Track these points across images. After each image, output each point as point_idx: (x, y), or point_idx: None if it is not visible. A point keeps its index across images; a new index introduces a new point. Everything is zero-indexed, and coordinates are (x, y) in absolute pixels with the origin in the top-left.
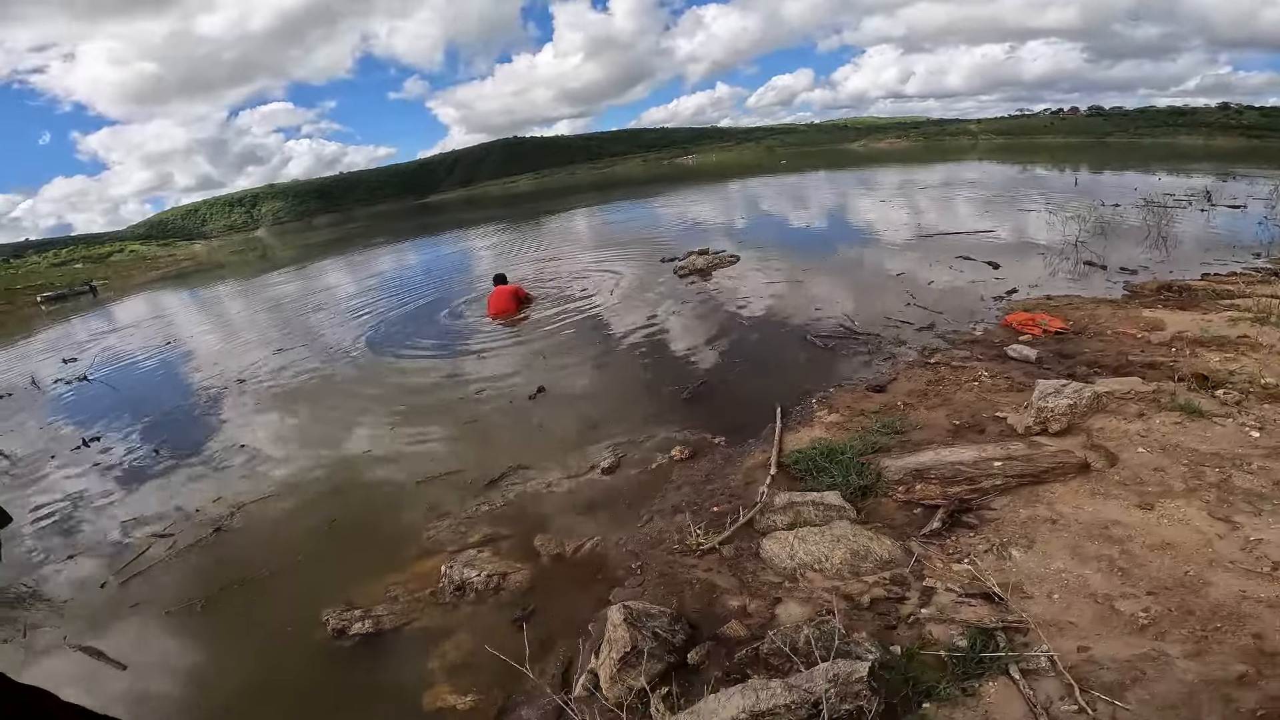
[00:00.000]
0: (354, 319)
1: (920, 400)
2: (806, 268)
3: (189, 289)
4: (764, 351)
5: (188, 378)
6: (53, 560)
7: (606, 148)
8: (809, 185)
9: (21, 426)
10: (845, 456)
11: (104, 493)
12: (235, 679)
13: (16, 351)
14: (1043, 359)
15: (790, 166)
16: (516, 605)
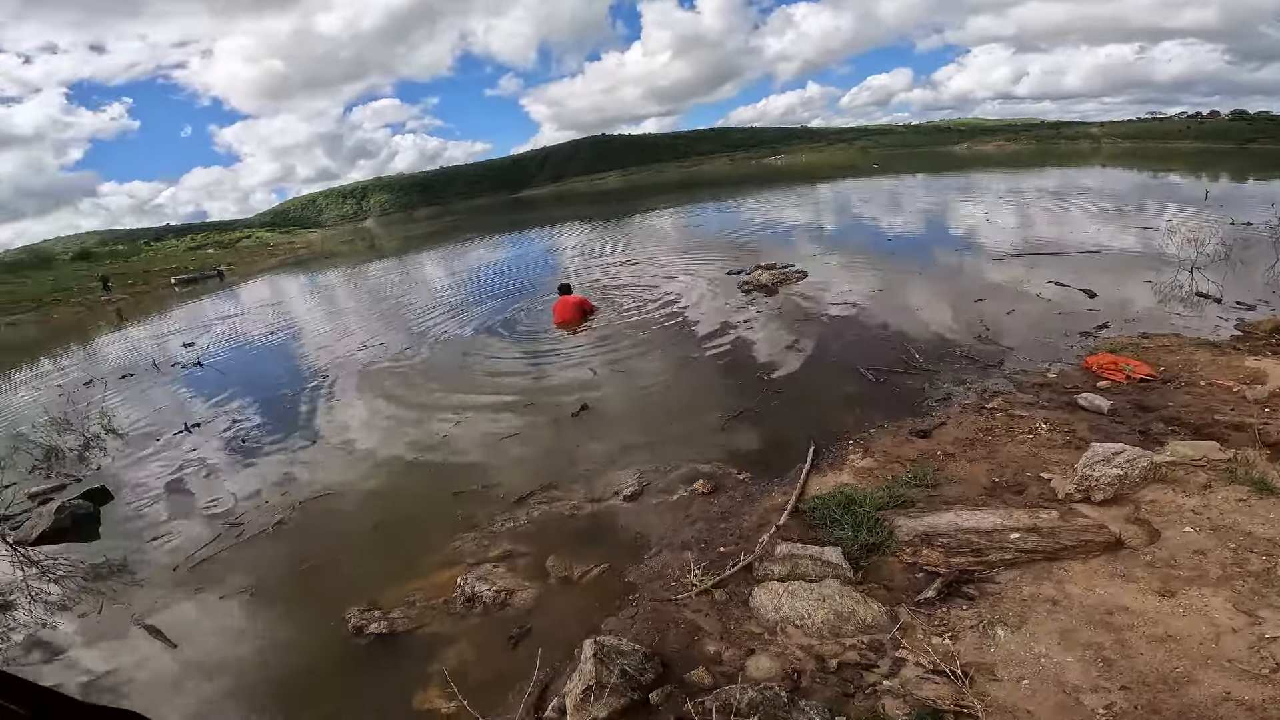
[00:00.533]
0: (436, 316)
1: (964, 451)
2: (877, 289)
3: (301, 276)
4: (811, 382)
5: (284, 366)
6: (140, 539)
7: (693, 146)
8: (902, 190)
9: (136, 408)
10: (862, 509)
11: (193, 477)
12: (264, 664)
13: (149, 330)
14: (1117, 411)
15: (884, 169)
16: (516, 623)
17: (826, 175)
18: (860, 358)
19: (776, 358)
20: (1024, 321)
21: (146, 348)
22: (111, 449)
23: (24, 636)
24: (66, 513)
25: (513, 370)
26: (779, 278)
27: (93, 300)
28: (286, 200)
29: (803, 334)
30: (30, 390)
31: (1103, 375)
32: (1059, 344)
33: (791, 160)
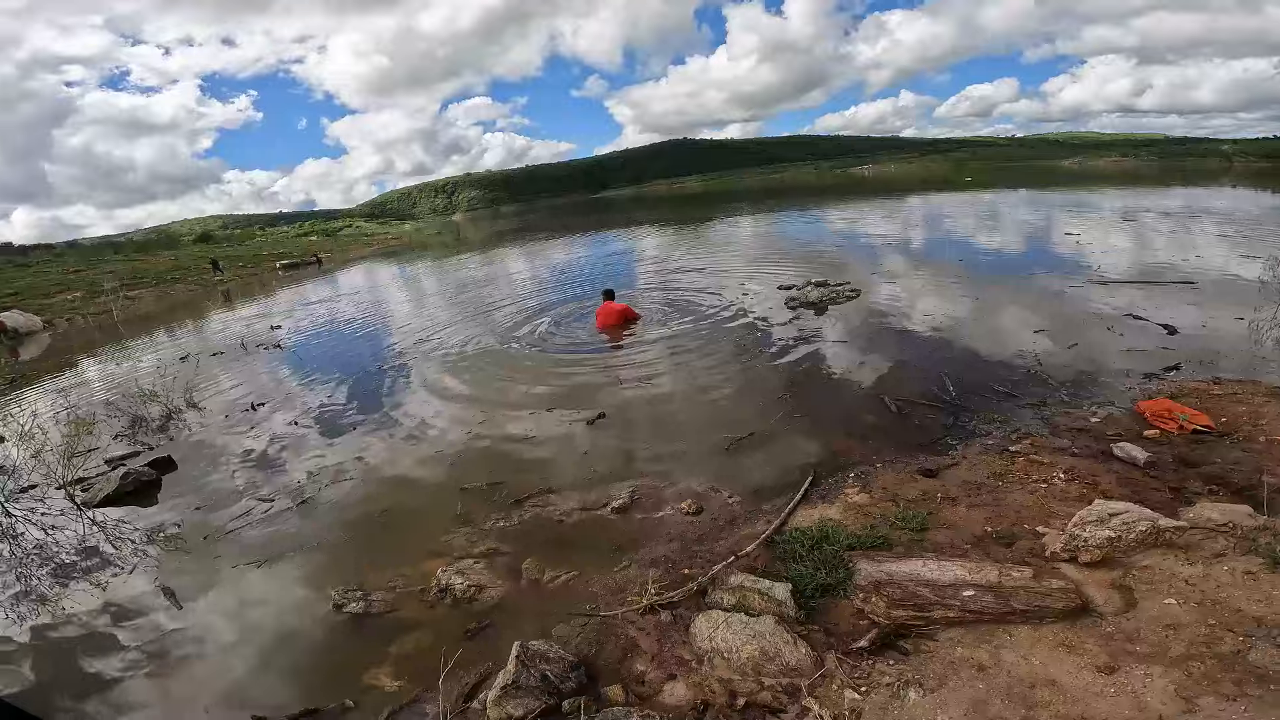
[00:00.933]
0: (499, 312)
1: (968, 495)
2: (930, 313)
3: (389, 266)
4: (830, 408)
5: (352, 352)
6: (186, 508)
7: (777, 153)
8: (996, 206)
9: (217, 384)
10: (830, 548)
11: (245, 453)
12: (251, 628)
13: (251, 310)
14: (1155, 464)
15: (979, 183)
16: (478, 617)
17: (916, 188)
18: (889, 386)
19: (801, 380)
20: (1084, 357)
21: (240, 328)
22: (190, 421)
23: (64, 586)
24: (131, 479)
25: (546, 373)
26: (829, 296)
27: (205, 280)
28: (385, 193)
29: (836, 357)
30: (134, 360)
31: (1156, 423)
32: (1116, 385)
33: (880, 171)
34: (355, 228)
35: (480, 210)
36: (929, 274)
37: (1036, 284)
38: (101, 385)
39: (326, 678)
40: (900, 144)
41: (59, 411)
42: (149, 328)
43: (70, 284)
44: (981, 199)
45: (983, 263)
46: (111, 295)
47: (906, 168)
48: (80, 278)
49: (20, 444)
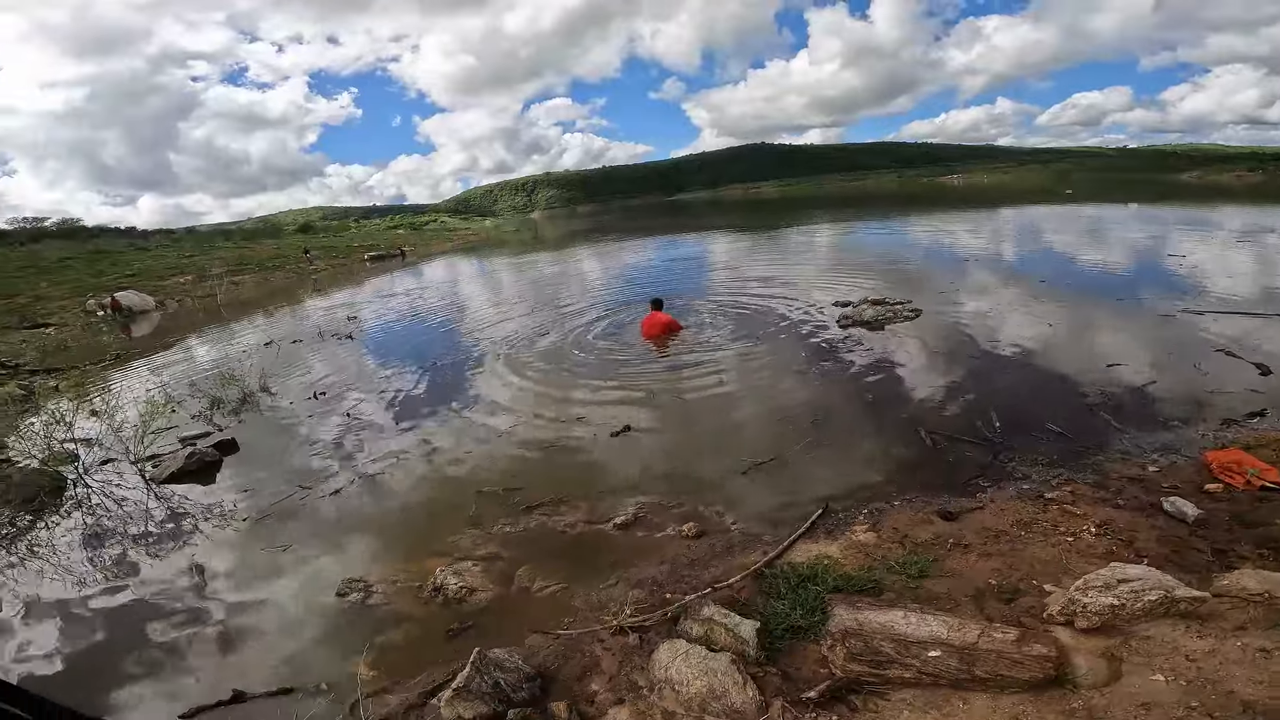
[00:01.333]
0: (563, 309)
1: (985, 543)
2: (995, 339)
3: (467, 261)
4: (860, 436)
5: (414, 346)
6: (238, 489)
7: (859, 160)
8: (1098, 221)
9: (290, 371)
10: (814, 588)
11: (301, 440)
12: (260, 608)
13: (335, 299)
14: (1205, 522)
15: (1082, 196)
16: (463, 619)
17: (1010, 199)
18: (929, 417)
19: (837, 405)
20: (1158, 397)
21: (321, 317)
22: (262, 404)
23: (112, 555)
24: (195, 458)
25: (585, 382)
26: (885, 315)
27: (301, 269)
28: (468, 189)
29: (878, 382)
30: (227, 343)
31: (1219, 475)
32: (1188, 431)
33: (971, 180)
34: (440, 223)
35: (557, 209)
36: (1005, 294)
37: (1125, 310)
38: (193, 366)
39: (313, 661)
40: (994, 153)
41: (148, 389)
42: (246, 312)
43: (183, 268)
44: (1082, 213)
45: (1069, 283)
46: (217, 280)
47: (1000, 178)
48: (192, 262)
49: (104, 420)
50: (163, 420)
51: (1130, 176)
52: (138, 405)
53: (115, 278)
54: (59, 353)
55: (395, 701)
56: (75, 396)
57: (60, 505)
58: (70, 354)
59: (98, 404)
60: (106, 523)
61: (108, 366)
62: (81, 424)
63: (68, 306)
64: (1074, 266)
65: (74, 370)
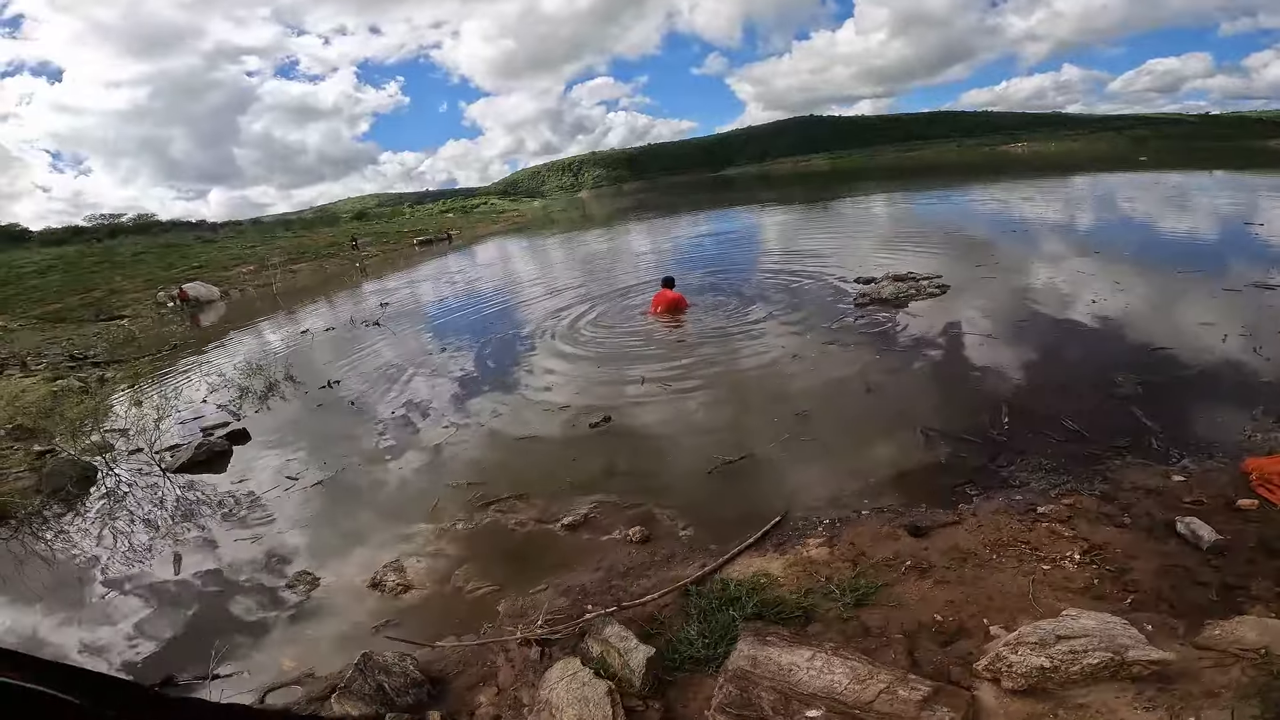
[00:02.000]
0: (580, 294)
1: (950, 567)
2: (1025, 319)
3: (510, 243)
4: (847, 432)
5: (430, 334)
6: (238, 479)
7: (915, 129)
8: (1173, 189)
9: (314, 358)
10: (733, 613)
11: (302, 430)
12: (215, 597)
13: (375, 285)
14: (1223, 549)
15: (1158, 163)
16: (390, 615)
17: (1080, 167)
18: (930, 410)
19: (829, 396)
20: (1203, 387)
21: (358, 303)
22: (285, 393)
23: (107, 536)
24: (204, 449)
25: (580, 368)
26: (907, 292)
27: (353, 255)
28: (516, 171)
29: (882, 369)
30: (273, 332)
31: (1257, 489)
32: (1232, 430)
33: (1038, 149)
34: (489, 205)
35: (604, 188)
36: (1049, 267)
37: (1184, 284)
38: (236, 355)
39: (246, 649)
40: (1063, 120)
41: (189, 379)
42: (298, 300)
43: (245, 258)
44: (1158, 180)
45: (1126, 255)
46: (273, 269)
47: (1069, 145)
48: (254, 252)
49: (141, 411)
50: (188, 411)
51: (1211, 144)
52: (168, 396)
53: (184, 270)
54: (127, 344)
55: (302, 693)
56: (128, 387)
57: (86, 495)
58: (137, 345)
59: (147, 395)
60: (119, 512)
61: (163, 358)
62: (123, 414)
63: (141, 299)
64: (1136, 236)
65: (135, 362)
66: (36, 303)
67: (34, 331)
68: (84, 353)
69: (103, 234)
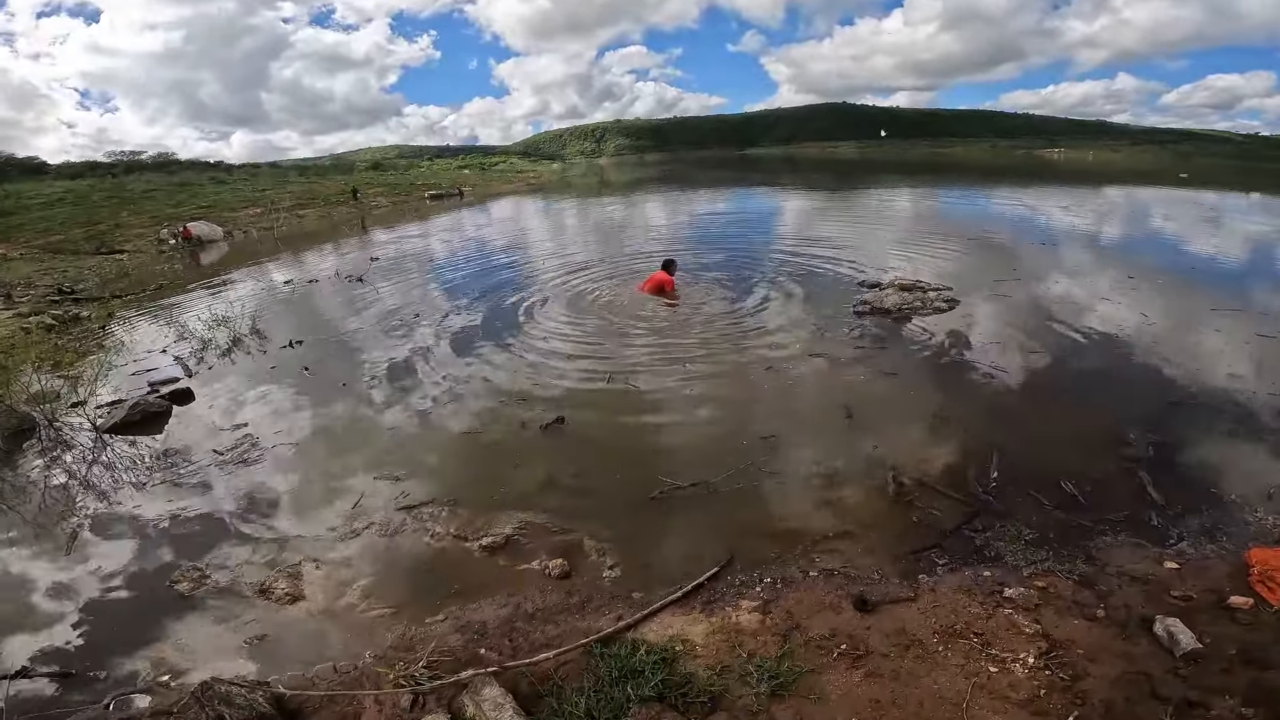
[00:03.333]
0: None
1: (885, 656)
2: (1038, 350)
3: (521, 203)
4: (814, 469)
5: (418, 294)
6: (170, 445)
7: (949, 126)
8: (1215, 211)
9: (288, 313)
10: (630, 690)
11: (257, 396)
12: (103, 587)
13: (375, 237)
14: (1202, 657)
15: (1199, 180)
16: (269, 626)
17: (1117, 178)
18: (908, 454)
19: (804, 423)
20: (1220, 458)
21: (350, 255)
22: (249, 348)
23: (13, 500)
24: (139, 409)
25: (547, 351)
26: (912, 303)
27: (360, 204)
28: (538, 133)
29: (867, 397)
30: (261, 279)
31: (1256, 585)
32: (1240, 514)
33: (1075, 156)
34: (508, 164)
35: (626, 156)
36: (1074, 290)
37: (1218, 325)
38: (212, 301)
39: (118, 644)
40: (1105, 129)
41: (159, 323)
42: (298, 246)
43: (255, 200)
44: (1197, 199)
45: (1159, 283)
46: (279, 213)
47: (1109, 155)
48: (264, 195)
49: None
50: (145, 361)
51: (1257, 165)
52: (128, 344)
53: (191, 209)
54: (119, 279)
55: (147, 704)
56: (99, 328)
57: (18, 450)
58: (128, 281)
59: (111, 339)
60: (36, 475)
61: (146, 297)
62: (78, 360)
63: (145, 235)
64: (1172, 260)
65: (112, 301)
66: (40, 233)
67: (31, 262)
68: (72, 286)
69: (119, 170)
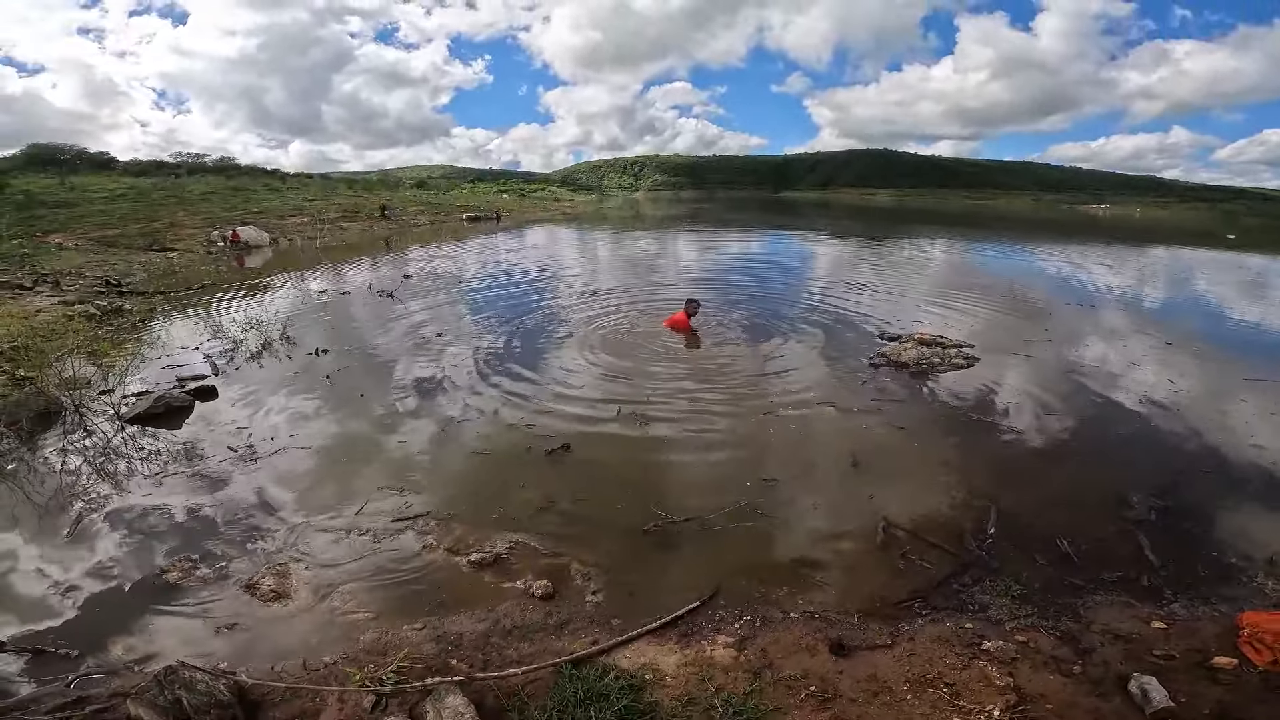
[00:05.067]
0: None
1: (855, 701)
2: (1057, 411)
3: (555, 231)
4: (811, 511)
5: (436, 315)
6: (187, 440)
7: (991, 178)
8: (1263, 275)
9: (318, 321)
10: (589, 714)
11: (278, 400)
12: (91, 579)
13: (410, 254)
14: (1172, 716)
15: (1247, 242)
16: (247, 619)
17: (1161, 238)
18: (906, 503)
19: (807, 466)
20: (1226, 525)
21: (383, 270)
22: (278, 352)
23: (29, 481)
24: (163, 402)
25: (558, 383)
26: (930, 358)
27: (401, 221)
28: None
29: (873, 447)
30: (300, 285)
31: (1243, 646)
32: (1238, 578)
33: (1120, 212)
34: (547, 191)
35: (662, 192)
36: (1105, 353)
37: (1247, 395)
38: (250, 304)
39: (97, 627)
40: (1155, 185)
41: (196, 321)
42: (339, 257)
43: (303, 210)
44: (1243, 263)
45: (1192, 350)
46: (324, 225)
47: (1156, 213)
48: (313, 205)
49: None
50: (177, 355)
51: None
52: (163, 338)
53: (244, 213)
54: (165, 276)
55: (116, 684)
56: (139, 321)
57: (42, 432)
58: (174, 278)
59: (147, 332)
60: (55, 457)
61: (190, 295)
62: (113, 350)
63: (195, 235)
64: (1209, 329)
65: (155, 296)
66: (98, 226)
67: (84, 253)
68: (119, 279)
69: (183, 171)
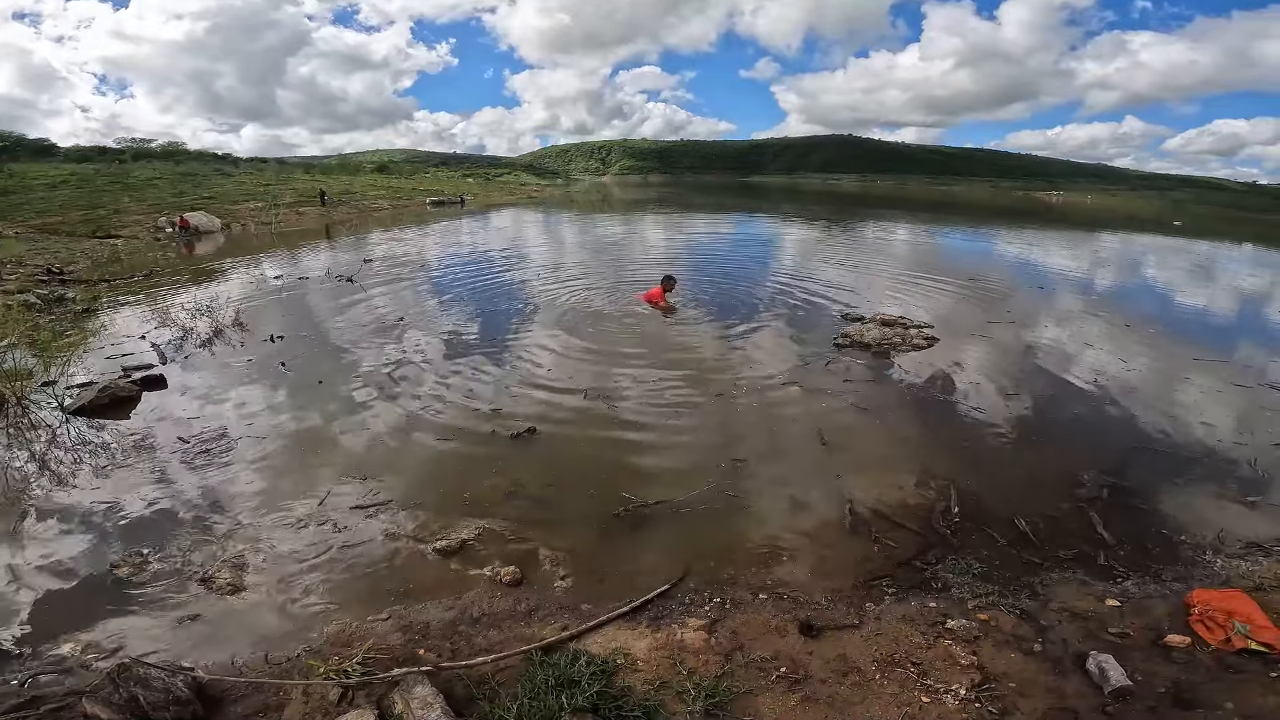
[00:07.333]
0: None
1: (823, 681)
2: (1013, 392)
3: (517, 214)
4: (780, 494)
5: (402, 299)
6: (135, 432)
7: (952, 165)
8: (1206, 260)
9: (276, 309)
10: (564, 700)
11: (231, 389)
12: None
13: (370, 238)
14: (1127, 694)
15: (1193, 229)
16: (205, 609)
17: (1111, 224)
18: (870, 484)
19: (776, 448)
20: (1175, 500)
21: (342, 256)
22: (231, 340)
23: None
24: (108, 393)
25: (524, 365)
26: (892, 339)
27: (366, 206)
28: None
29: (839, 428)
30: (251, 271)
31: (1194, 625)
32: (1187, 555)
33: (1073, 200)
34: (513, 176)
35: (630, 176)
36: (1060, 335)
37: (1197, 375)
38: (199, 291)
39: (48, 625)
40: (1107, 173)
41: (143, 309)
42: (293, 243)
43: (257, 195)
44: (1190, 249)
45: (1147, 331)
46: (279, 209)
47: (1107, 200)
48: (267, 190)
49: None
50: (123, 345)
51: (1250, 215)
52: (108, 326)
53: (193, 199)
54: (110, 263)
55: (70, 683)
56: (82, 310)
57: None
58: (119, 265)
59: (92, 321)
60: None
61: (136, 283)
62: (54, 340)
63: (142, 221)
64: (1161, 312)
65: (99, 284)
66: (39, 214)
67: (25, 242)
68: (62, 267)
69: (127, 156)
